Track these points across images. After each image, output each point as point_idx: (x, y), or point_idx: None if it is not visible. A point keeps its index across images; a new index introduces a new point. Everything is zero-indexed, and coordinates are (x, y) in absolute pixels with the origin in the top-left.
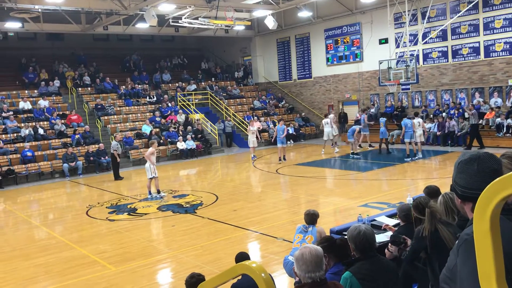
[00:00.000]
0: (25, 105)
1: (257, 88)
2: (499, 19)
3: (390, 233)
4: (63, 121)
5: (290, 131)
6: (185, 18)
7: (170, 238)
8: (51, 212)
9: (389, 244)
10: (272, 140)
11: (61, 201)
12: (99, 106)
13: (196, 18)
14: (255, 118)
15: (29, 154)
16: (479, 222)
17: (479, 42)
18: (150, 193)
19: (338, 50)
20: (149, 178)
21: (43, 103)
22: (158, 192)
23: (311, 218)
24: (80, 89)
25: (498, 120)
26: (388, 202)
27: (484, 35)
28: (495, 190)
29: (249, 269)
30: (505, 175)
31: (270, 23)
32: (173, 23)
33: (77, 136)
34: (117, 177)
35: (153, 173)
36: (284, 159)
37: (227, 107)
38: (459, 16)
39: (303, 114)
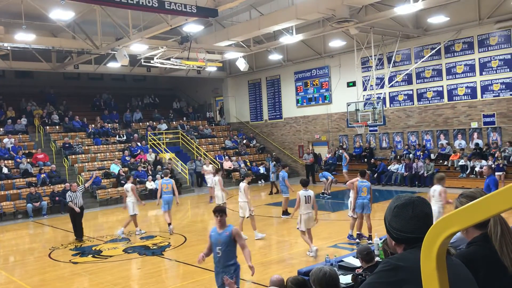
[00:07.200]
0: None
1: (229, 128)
2: (460, 65)
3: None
4: (29, 160)
5: (262, 171)
6: (157, 58)
7: (135, 281)
8: (11, 255)
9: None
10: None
11: (22, 243)
12: (67, 145)
13: (168, 59)
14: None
15: None
16: (425, 261)
17: (442, 86)
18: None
19: (307, 92)
20: (301, 230)
21: (8, 141)
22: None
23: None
24: (48, 127)
25: (462, 161)
26: (358, 243)
27: (447, 79)
28: (440, 229)
29: None
30: (447, 215)
31: (242, 65)
32: (145, 63)
33: (42, 176)
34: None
35: (303, 225)
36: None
37: (198, 147)
38: (423, 61)
39: (274, 154)
